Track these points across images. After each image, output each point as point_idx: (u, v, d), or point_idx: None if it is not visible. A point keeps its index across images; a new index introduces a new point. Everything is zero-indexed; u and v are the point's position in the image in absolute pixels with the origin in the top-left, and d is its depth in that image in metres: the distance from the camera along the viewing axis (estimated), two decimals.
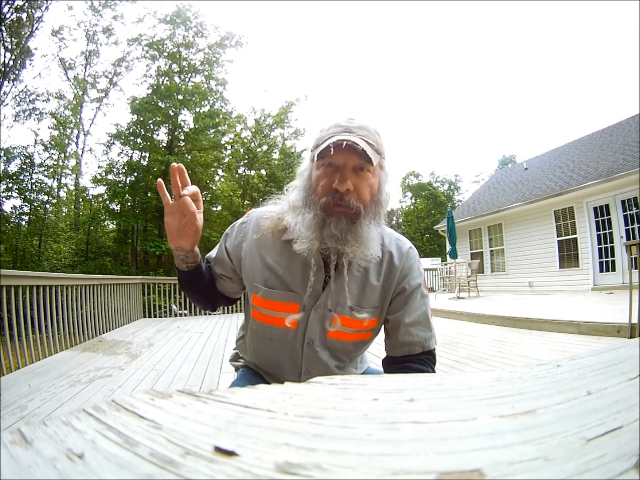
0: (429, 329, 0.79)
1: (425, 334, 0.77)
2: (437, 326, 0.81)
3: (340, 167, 0.70)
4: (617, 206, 7.20)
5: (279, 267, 0.77)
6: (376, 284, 0.77)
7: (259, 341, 0.84)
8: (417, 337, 0.77)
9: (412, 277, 0.79)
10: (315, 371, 0.79)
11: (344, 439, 0.19)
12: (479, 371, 0.34)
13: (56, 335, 3.58)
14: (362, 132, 0.70)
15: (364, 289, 0.77)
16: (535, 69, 52.01)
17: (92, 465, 0.17)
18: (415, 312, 0.78)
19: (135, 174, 16.42)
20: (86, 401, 2.13)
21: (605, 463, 0.15)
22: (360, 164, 0.70)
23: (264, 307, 0.78)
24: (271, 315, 0.78)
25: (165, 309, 7.84)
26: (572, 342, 3.09)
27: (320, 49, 53.03)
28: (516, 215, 9.42)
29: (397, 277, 0.78)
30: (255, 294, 0.79)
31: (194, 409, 0.23)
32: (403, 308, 0.78)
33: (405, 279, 0.79)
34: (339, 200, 0.70)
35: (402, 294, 0.78)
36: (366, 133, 0.71)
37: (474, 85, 52.94)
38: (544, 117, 54.38)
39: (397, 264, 0.78)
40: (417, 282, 0.79)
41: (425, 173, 40.79)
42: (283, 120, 19.63)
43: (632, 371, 0.26)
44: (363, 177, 0.71)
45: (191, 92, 16.29)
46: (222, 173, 19.46)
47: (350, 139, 0.66)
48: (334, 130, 0.71)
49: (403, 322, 0.77)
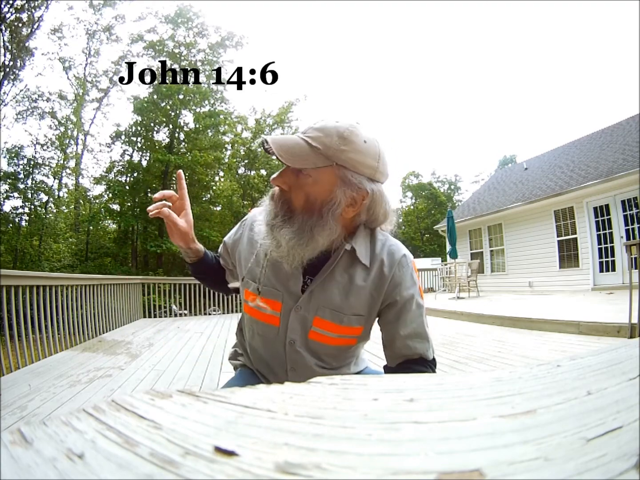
0: (426, 340, 0.76)
1: (422, 346, 0.75)
2: (437, 326, 0.81)
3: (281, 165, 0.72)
4: (617, 206, 7.20)
5: (266, 264, 0.79)
6: (362, 291, 0.75)
7: (251, 335, 0.86)
8: (415, 349, 0.75)
9: (404, 288, 0.76)
10: (299, 369, 0.80)
11: (344, 439, 0.19)
12: (479, 371, 0.34)
13: (56, 335, 3.58)
14: (314, 133, 0.69)
15: (348, 294, 0.75)
16: (536, 69, 52.07)
17: (92, 465, 0.17)
18: (411, 324, 0.75)
19: (135, 174, 16.42)
20: (86, 401, 2.13)
21: (605, 463, 0.15)
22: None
23: (251, 301, 0.80)
24: (258, 310, 0.80)
25: (165, 309, 7.84)
26: (572, 342, 3.09)
27: (320, 49, 53.09)
28: (516, 215, 9.42)
29: (386, 287, 0.75)
30: (247, 289, 0.82)
31: (194, 409, 0.23)
32: (397, 320, 0.75)
33: (395, 290, 0.75)
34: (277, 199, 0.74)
35: (394, 305, 0.76)
36: (318, 135, 0.69)
37: (475, 86, 53.00)
38: (544, 117, 54.44)
39: (386, 273, 0.75)
40: (410, 293, 0.76)
41: (426, 173, 40.82)
42: (283, 120, 19.64)
43: (632, 371, 0.26)
44: (301, 179, 0.71)
45: (192, 92, 16.30)
46: (222, 173, 19.47)
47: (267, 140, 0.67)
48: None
49: (399, 335, 0.75)
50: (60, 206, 16.63)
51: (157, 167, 16.01)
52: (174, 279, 8.33)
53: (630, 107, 29.38)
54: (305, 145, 0.68)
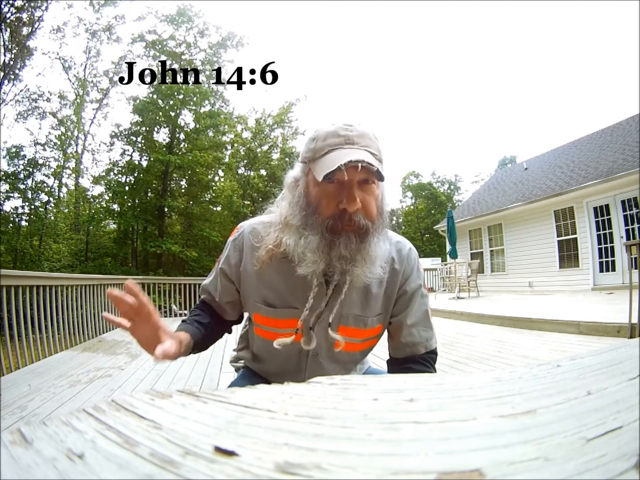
0: (430, 328, 0.79)
1: (427, 334, 0.78)
2: (437, 326, 0.82)
3: (345, 184, 0.63)
4: (617, 206, 7.20)
5: (277, 284, 0.74)
6: (379, 291, 0.76)
7: (264, 354, 0.83)
8: (420, 337, 0.77)
9: (413, 279, 0.78)
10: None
11: (344, 439, 0.19)
12: (479, 371, 0.34)
13: (56, 335, 3.58)
14: (364, 141, 0.65)
15: (367, 297, 0.75)
16: (536, 70, 52.05)
17: (92, 465, 0.17)
18: (416, 312, 0.78)
19: (135, 174, 16.42)
20: (86, 401, 2.12)
21: (605, 463, 0.15)
22: (366, 177, 0.64)
23: (266, 325, 0.77)
24: (274, 332, 0.76)
25: (165, 309, 7.84)
26: (572, 342, 3.09)
27: (320, 49, 53.08)
28: (516, 215, 9.42)
29: (399, 281, 0.77)
30: (257, 313, 0.77)
31: (194, 409, 0.23)
32: (405, 310, 0.78)
33: (406, 282, 0.78)
34: (347, 221, 0.65)
35: (404, 296, 0.78)
36: (368, 142, 0.65)
37: (475, 86, 52.99)
38: (544, 117, 54.42)
39: (398, 269, 0.77)
40: (418, 284, 0.79)
41: (426, 173, 40.78)
42: (283, 120, 19.64)
43: (632, 371, 0.26)
44: (369, 191, 0.66)
45: (192, 92, 16.30)
46: (222, 173, 19.48)
47: (360, 158, 0.60)
48: (332, 140, 0.65)
49: (405, 324, 0.77)
50: (60, 206, 16.62)
51: (157, 167, 15.99)
52: (174, 279, 8.32)
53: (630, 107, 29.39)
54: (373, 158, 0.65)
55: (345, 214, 0.64)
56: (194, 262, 15.67)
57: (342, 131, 0.65)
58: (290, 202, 0.72)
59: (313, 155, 0.66)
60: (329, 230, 0.65)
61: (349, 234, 0.65)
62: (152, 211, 16.16)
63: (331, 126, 0.67)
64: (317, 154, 0.66)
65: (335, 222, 0.65)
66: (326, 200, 0.65)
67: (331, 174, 0.61)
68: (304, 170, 0.70)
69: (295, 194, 0.71)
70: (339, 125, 0.66)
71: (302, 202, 0.69)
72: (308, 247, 0.66)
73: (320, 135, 0.67)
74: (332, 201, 0.65)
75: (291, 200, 0.71)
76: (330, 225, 0.65)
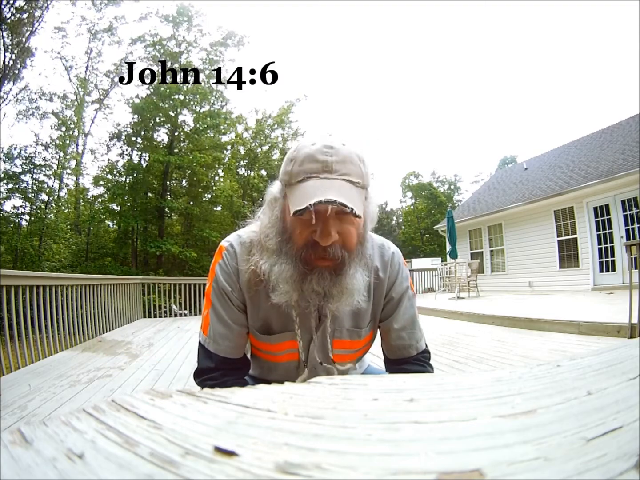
0: (418, 329, 0.80)
1: (415, 335, 0.79)
2: (437, 326, 0.83)
3: (320, 216, 0.59)
4: (617, 206, 7.20)
5: (268, 309, 0.72)
6: (367, 304, 0.76)
7: (264, 370, 0.85)
8: (409, 339, 0.79)
9: (398, 284, 0.78)
10: None
11: (344, 439, 0.19)
12: (479, 371, 0.34)
13: (56, 335, 3.58)
14: (344, 168, 0.60)
15: (359, 309, 0.74)
16: (536, 70, 52.05)
17: (92, 465, 0.17)
18: (403, 316, 0.78)
19: (135, 174, 16.42)
20: (86, 401, 2.13)
21: (605, 463, 0.15)
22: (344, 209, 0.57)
23: (263, 349, 0.78)
24: (271, 354, 0.78)
25: (165, 309, 7.84)
26: (572, 342, 3.09)
27: (320, 50, 53.08)
28: (516, 215, 9.42)
29: (385, 289, 0.77)
30: (253, 337, 0.77)
31: (194, 409, 0.23)
32: (393, 314, 0.79)
33: (392, 288, 0.78)
34: (321, 253, 0.61)
35: (391, 301, 0.78)
36: (350, 169, 0.61)
37: (475, 86, 53.03)
38: (544, 117, 54.41)
39: (383, 277, 0.76)
40: (404, 287, 0.79)
41: (426, 173, 40.74)
42: (284, 120, 19.65)
43: (632, 371, 0.26)
44: (348, 221, 0.62)
45: (192, 92, 16.30)
46: (222, 173, 19.48)
47: (332, 198, 0.55)
48: (309, 167, 0.60)
49: (393, 327, 0.78)
50: (60, 206, 16.62)
51: (157, 167, 15.99)
52: (174, 279, 8.33)
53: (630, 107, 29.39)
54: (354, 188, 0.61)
55: (318, 246, 0.61)
56: (194, 262, 15.68)
57: (321, 155, 0.60)
58: (269, 221, 0.69)
59: (289, 179, 0.63)
60: (302, 261, 0.63)
61: (322, 270, 0.63)
62: (152, 211, 16.16)
63: (311, 146, 0.62)
64: (292, 180, 0.62)
65: (309, 252, 0.62)
66: (299, 229, 0.62)
67: (301, 212, 0.57)
68: (282, 192, 0.67)
69: (272, 215, 0.69)
70: (318, 147, 0.61)
71: (278, 227, 0.67)
72: (281, 277, 0.64)
73: (298, 158, 0.62)
74: (306, 230, 0.61)
75: (270, 219, 0.69)
76: (303, 255, 0.62)
